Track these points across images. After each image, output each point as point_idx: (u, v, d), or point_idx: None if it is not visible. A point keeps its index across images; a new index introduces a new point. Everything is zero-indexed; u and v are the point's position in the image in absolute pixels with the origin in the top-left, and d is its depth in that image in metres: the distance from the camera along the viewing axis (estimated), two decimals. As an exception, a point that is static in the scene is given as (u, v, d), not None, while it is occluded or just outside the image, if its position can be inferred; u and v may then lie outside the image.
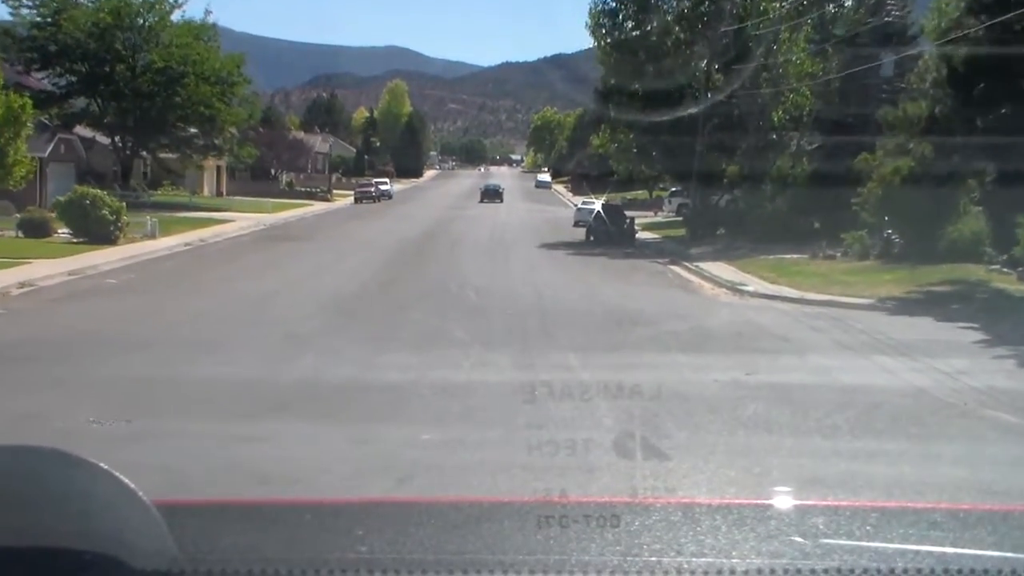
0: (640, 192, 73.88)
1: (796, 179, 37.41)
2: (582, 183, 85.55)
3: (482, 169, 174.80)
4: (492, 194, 77.58)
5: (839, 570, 1.54)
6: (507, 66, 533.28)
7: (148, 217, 35.36)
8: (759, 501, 2.08)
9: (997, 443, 9.58)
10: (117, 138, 53.86)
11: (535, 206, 71.31)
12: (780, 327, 17.36)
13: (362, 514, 1.98)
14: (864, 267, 26.77)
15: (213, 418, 9.75)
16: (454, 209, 62.22)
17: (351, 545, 1.67)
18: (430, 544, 1.69)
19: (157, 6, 53.31)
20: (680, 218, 50.96)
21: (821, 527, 1.81)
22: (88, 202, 30.90)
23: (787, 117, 40.52)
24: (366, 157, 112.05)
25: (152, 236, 33.38)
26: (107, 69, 51.97)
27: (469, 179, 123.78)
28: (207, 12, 53.76)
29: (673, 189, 59.36)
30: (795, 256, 29.74)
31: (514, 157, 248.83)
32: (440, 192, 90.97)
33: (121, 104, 52.33)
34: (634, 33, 41.74)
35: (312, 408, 10.36)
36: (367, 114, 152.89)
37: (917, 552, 1.65)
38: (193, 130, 54.71)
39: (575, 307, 19.45)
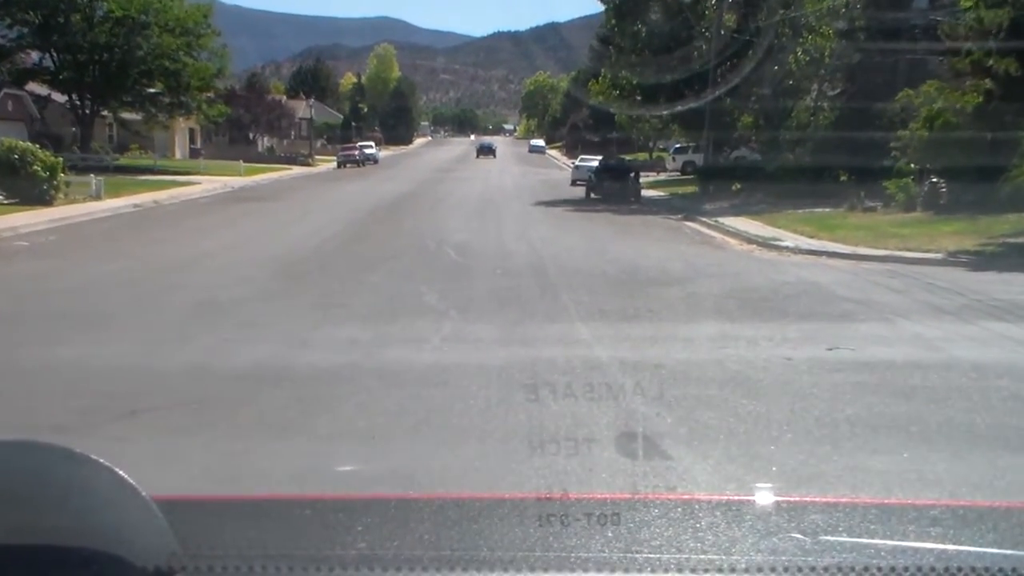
0: (640, 154, 70.04)
1: (819, 128, 33.84)
2: (577, 147, 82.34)
3: (473, 137, 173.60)
4: (487, 150, 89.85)
5: (839, 567, 1.47)
6: (499, 36, 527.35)
7: (93, 177, 31.39)
8: (759, 498, 2.02)
9: None
10: (74, 96, 49.19)
11: (529, 168, 67.47)
12: (845, 287, 13.60)
13: (363, 510, 1.91)
14: (913, 219, 23.07)
15: (6, 432, 5.96)
16: (443, 172, 58.09)
17: (352, 541, 1.63)
18: (431, 540, 1.64)
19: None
20: (686, 176, 47.32)
21: (821, 524, 1.75)
22: (16, 157, 26.96)
23: (806, 60, 36.60)
24: (354, 124, 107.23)
25: (97, 197, 29.57)
26: (61, 19, 47.24)
27: (461, 146, 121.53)
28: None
29: (677, 146, 55.46)
30: (827, 209, 26.23)
31: (507, 127, 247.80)
32: (429, 157, 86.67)
33: (77, 57, 47.61)
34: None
35: (180, 414, 6.58)
36: (355, 80, 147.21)
37: (917, 549, 1.61)
38: (154, 90, 49.75)
39: (582, 266, 15.56)
